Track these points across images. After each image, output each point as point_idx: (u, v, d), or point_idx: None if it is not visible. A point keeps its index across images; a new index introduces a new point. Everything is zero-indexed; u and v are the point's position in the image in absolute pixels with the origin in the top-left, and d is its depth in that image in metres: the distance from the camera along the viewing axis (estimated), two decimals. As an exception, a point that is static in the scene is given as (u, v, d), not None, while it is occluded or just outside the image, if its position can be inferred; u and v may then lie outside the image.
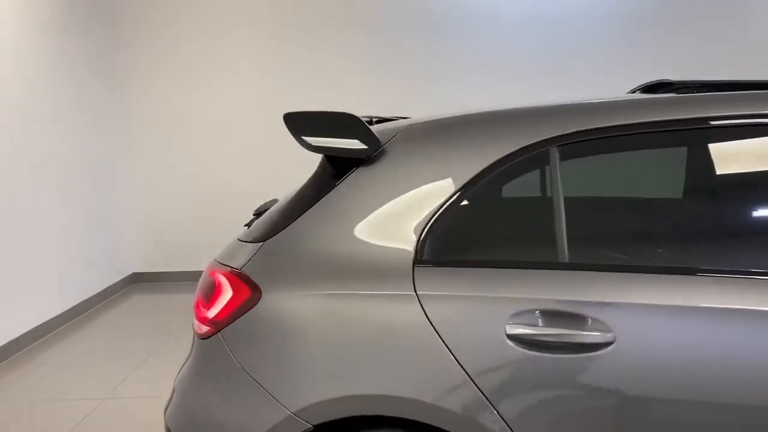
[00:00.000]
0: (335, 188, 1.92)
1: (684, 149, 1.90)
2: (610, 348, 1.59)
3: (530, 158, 1.78)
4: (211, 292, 1.96)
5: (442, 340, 1.67)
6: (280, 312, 1.82)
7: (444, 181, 1.82)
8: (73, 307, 5.37)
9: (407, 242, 1.79)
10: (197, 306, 2.05)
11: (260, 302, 1.83)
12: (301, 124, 1.97)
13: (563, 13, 6.22)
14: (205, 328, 1.93)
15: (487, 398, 1.64)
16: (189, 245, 6.48)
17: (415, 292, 1.72)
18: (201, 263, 6.49)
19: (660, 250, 1.74)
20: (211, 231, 6.45)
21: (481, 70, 6.23)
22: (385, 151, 1.90)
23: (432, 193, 1.82)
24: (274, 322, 1.82)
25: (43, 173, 5.01)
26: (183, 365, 2.20)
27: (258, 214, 2.61)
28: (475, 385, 1.64)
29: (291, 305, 1.81)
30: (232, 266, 1.94)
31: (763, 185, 1.76)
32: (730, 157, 1.82)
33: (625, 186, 1.90)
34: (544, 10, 6.19)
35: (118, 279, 6.21)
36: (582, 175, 1.82)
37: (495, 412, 1.64)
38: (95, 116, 5.84)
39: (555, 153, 1.77)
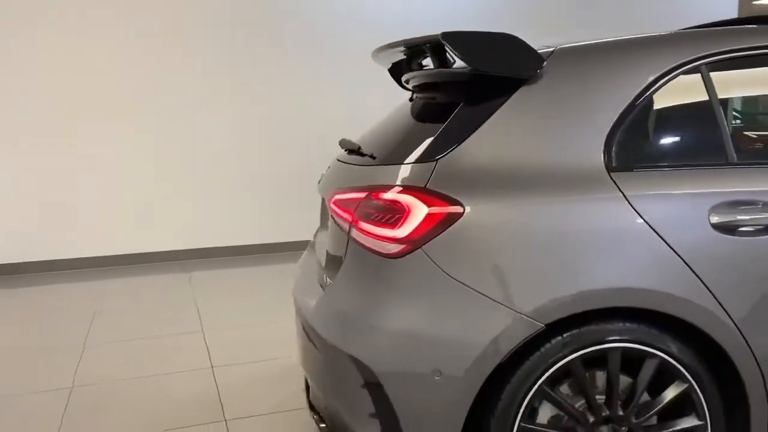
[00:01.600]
0: (504, 106, 1.99)
1: None
2: None
3: (688, 72, 2.01)
4: (393, 213, 1.92)
5: (658, 234, 1.85)
6: (491, 223, 1.86)
7: (616, 95, 1.99)
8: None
9: (595, 152, 1.93)
10: (359, 227, 1.98)
11: (465, 215, 1.85)
12: (462, 43, 2.00)
13: None
14: (397, 248, 1.89)
15: (701, 280, 1.85)
16: (34, 233, 5.73)
17: (623, 194, 1.87)
18: (50, 252, 5.77)
19: None
20: (57, 217, 5.77)
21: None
22: (546, 71, 2.01)
23: (607, 108, 1.98)
24: (486, 232, 1.85)
25: None
26: (329, 300, 2.10)
27: (349, 149, 2.56)
28: (692, 271, 1.85)
29: (501, 215, 1.87)
30: (415, 185, 1.92)
31: None
32: None
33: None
34: None
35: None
36: (737, 88, 2.10)
37: (709, 292, 1.86)
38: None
39: (708, 68, 2.03)
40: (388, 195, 1.96)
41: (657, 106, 2.02)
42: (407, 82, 2.78)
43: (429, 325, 1.84)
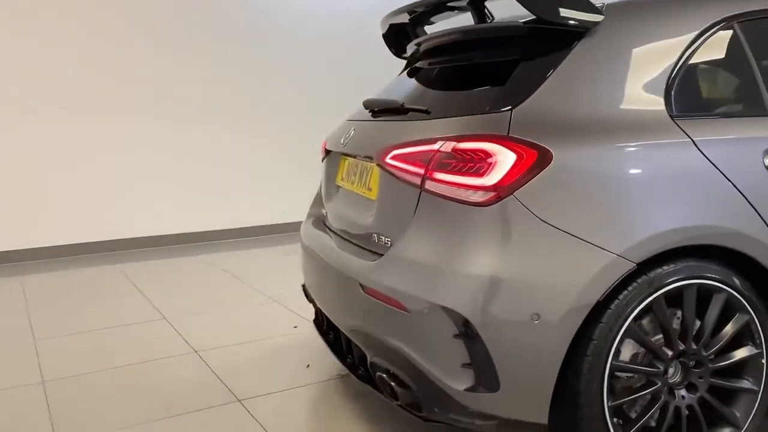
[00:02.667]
0: (569, 56, 2.05)
1: None
2: None
3: (722, 29, 2.16)
4: (475, 161, 1.91)
5: (725, 176, 1.99)
6: (579, 167, 1.91)
7: (667, 49, 2.10)
8: None
9: (657, 100, 2.03)
10: (435, 179, 1.96)
11: (553, 161, 1.88)
12: None
13: None
14: (485, 195, 1.89)
15: (763, 218, 2.00)
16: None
17: (691, 139, 1.99)
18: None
19: None
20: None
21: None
22: (602, 24, 2.08)
23: (661, 60, 2.08)
24: (575, 176, 1.90)
25: None
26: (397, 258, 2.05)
27: (379, 109, 2.52)
28: (755, 209, 2.00)
29: (586, 160, 1.92)
30: (497, 133, 1.93)
31: None
32: None
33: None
34: None
35: None
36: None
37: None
38: None
39: (740, 27, 2.18)
40: (472, 144, 1.95)
41: (701, 59, 2.15)
42: (418, 45, 2.77)
43: (525, 270, 1.85)
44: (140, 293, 4.45)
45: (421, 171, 2.02)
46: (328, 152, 2.91)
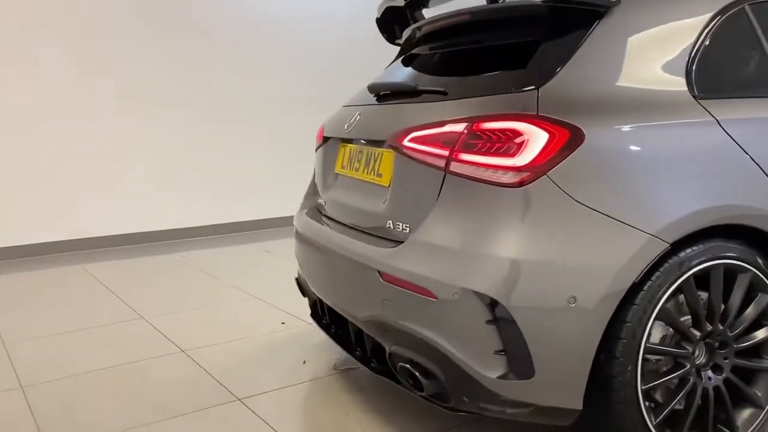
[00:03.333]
0: (590, 37, 2.01)
1: None
2: None
3: (736, 13, 2.16)
4: (504, 141, 1.86)
5: (749, 154, 1.99)
6: (611, 146, 1.87)
7: (686, 27, 2.09)
8: None
9: (679, 81, 2.02)
10: (462, 160, 1.90)
11: (586, 140, 1.84)
12: None
13: None
14: (516, 176, 1.83)
15: None
16: None
17: (715, 118, 1.98)
18: None
19: None
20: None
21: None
22: (621, 5, 2.06)
23: (680, 41, 2.07)
24: (608, 156, 1.86)
25: None
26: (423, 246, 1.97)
27: (386, 93, 2.44)
28: (778, 187, 2.00)
29: (618, 139, 1.89)
30: (526, 112, 1.88)
31: None
32: None
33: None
34: None
35: None
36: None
37: None
38: None
39: (751, 9, 2.19)
40: (500, 124, 1.89)
41: (717, 41, 2.13)
42: (418, 29, 2.70)
43: (561, 252, 1.81)
44: (111, 293, 4.25)
45: (446, 153, 1.95)
46: (325, 140, 2.81)
